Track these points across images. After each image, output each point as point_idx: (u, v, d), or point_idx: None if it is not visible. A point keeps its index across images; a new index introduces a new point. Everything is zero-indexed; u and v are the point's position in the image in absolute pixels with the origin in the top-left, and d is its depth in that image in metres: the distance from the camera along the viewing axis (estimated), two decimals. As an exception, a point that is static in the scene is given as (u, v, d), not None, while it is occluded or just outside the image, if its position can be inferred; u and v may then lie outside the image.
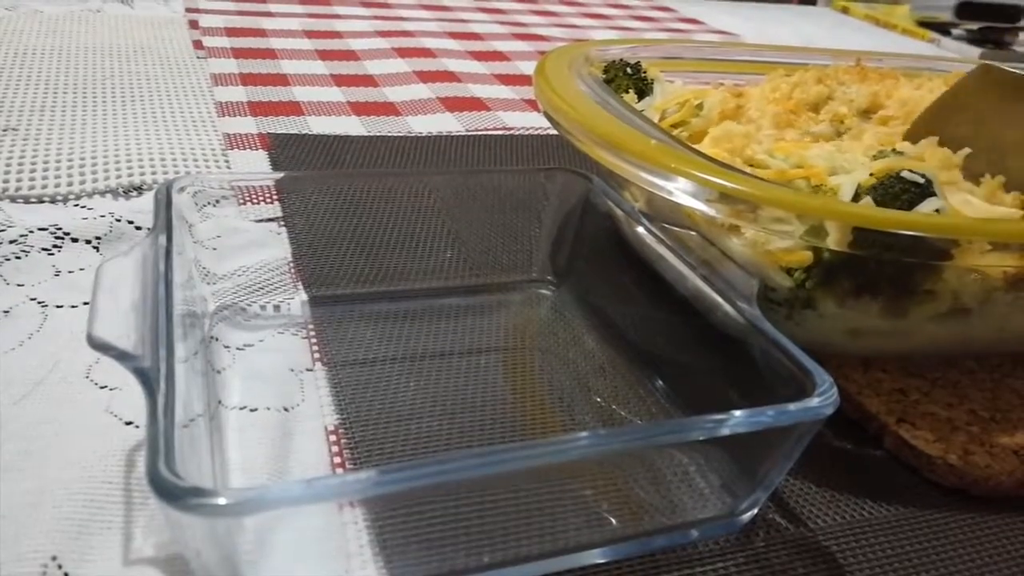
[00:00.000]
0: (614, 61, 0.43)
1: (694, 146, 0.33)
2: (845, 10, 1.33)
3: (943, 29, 1.16)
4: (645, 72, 0.43)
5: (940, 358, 0.35)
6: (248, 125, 0.55)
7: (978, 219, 0.30)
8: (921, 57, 0.58)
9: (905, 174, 0.30)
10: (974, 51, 1.06)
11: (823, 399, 0.23)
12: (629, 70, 0.42)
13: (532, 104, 0.66)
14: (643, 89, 0.42)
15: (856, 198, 0.30)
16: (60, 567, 0.22)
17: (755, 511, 0.26)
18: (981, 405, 0.32)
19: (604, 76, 0.43)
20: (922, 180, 0.30)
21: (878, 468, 0.30)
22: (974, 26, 1.16)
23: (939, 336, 0.33)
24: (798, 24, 1.14)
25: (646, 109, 0.40)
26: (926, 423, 0.31)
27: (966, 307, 0.32)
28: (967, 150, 0.34)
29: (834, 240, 0.28)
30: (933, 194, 0.30)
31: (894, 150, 0.33)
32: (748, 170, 0.33)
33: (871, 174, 0.30)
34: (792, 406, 0.23)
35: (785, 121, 0.39)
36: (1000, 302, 0.32)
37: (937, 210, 0.29)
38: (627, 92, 0.41)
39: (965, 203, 0.31)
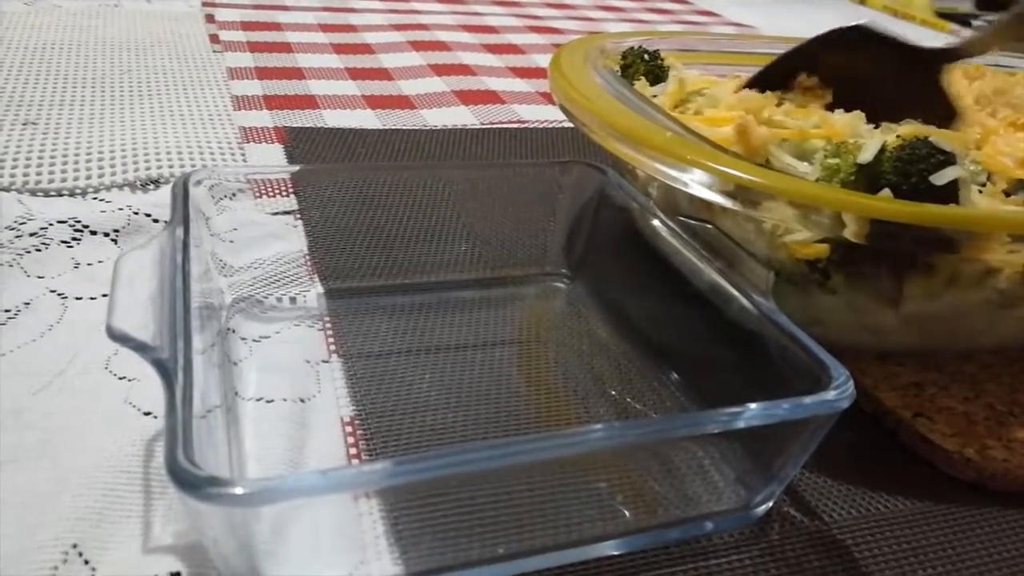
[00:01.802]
0: (632, 47, 0.43)
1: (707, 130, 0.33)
2: (862, 1, 1.32)
3: (963, 20, 1.14)
4: (662, 60, 0.43)
5: (957, 352, 0.35)
6: (264, 119, 0.55)
7: (1002, 212, 0.30)
8: (941, 48, 0.57)
9: (933, 139, 0.29)
10: (994, 43, 1.05)
11: (839, 392, 0.23)
12: (646, 56, 0.42)
13: (547, 97, 0.66)
14: (659, 76, 0.42)
15: (879, 156, 0.30)
16: (80, 554, 0.23)
17: (770, 504, 0.26)
18: (999, 399, 0.32)
19: (622, 62, 0.43)
20: (948, 150, 0.29)
21: (894, 462, 0.30)
22: (995, 17, 1.15)
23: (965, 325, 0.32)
24: (814, 16, 1.13)
25: (659, 95, 0.40)
26: (943, 417, 0.31)
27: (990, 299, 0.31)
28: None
29: (852, 232, 0.28)
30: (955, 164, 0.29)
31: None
32: (764, 129, 0.33)
33: (898, 136, 0.30)
34: (808, 399, 0.23)
35: (808, 91, 0.39)
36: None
37: (957, 179, 0.29)
38: (641, 78, 0.41)
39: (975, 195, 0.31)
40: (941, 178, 0.29)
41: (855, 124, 0.34)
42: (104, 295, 0.35)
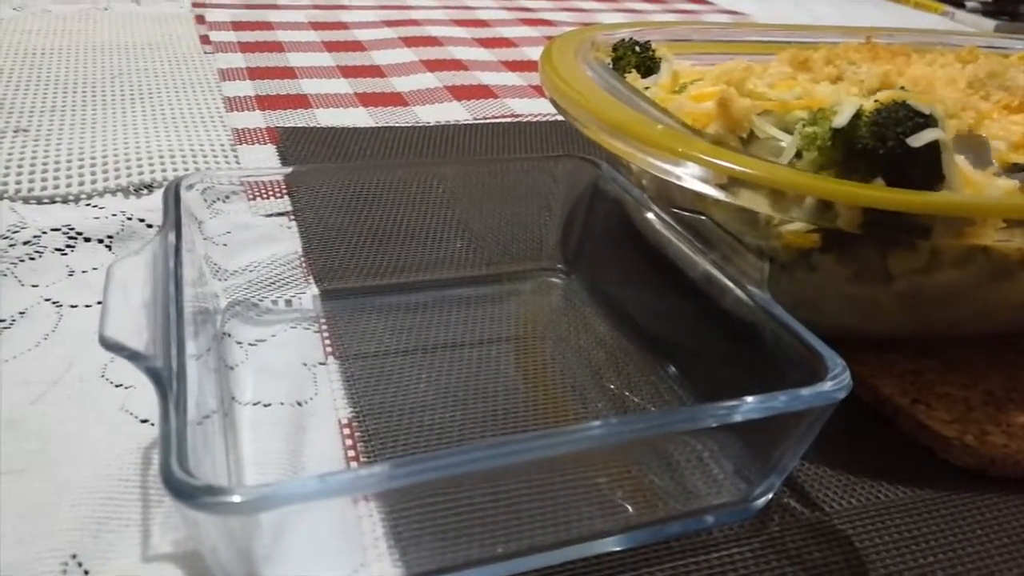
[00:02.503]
0: (623, 39, 0.43)
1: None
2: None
3: (957, 1, 1.14)
4: (653, 51, 0.42)
5: (954, 337, 0.34)
6: (256, 119, 0.55)
7: (996, 198, 0.30)
8: (933, 32, 0.57)
9: (911, 103, 0.29)
10: (989, 23, 1.05)
11: (836, 383, 0.23)
12: (638, 48, 0.42)
13: (540, 91, 0.65)
14: (650, 68, 0.42)
15: (855, 121, 0.29)
16: (80, 565, 0.23)
17: (770, 496, 0.26)
18: (998, 385, 0.32)
19: (613, 54, 0.42)
20: (927, 112, 0.29)
21: (893, 450, 0.30)
22: (987, -2, 1.15)
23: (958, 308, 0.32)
24: (808, 3, 1.13)
25: (651, 87, 0.40)
26: (942, 404, 0.31)
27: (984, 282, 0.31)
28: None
29: (845, 221, 0.28)
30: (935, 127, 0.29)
31: (902, 87, 0.33)
32: (746, 100, 0.33)
33: (875, 100, 0.30)
34: (805, 391, 0.23)
35: (801, 64, 0.38)
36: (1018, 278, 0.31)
37: (936, 141, 0.28)
38: (632, 71, 0.41)
39: (963, 163, 0.31)
40: (918, 140, 0.28)
41: (838, 95, 0.33)
42: (100, 302, 0.35)
